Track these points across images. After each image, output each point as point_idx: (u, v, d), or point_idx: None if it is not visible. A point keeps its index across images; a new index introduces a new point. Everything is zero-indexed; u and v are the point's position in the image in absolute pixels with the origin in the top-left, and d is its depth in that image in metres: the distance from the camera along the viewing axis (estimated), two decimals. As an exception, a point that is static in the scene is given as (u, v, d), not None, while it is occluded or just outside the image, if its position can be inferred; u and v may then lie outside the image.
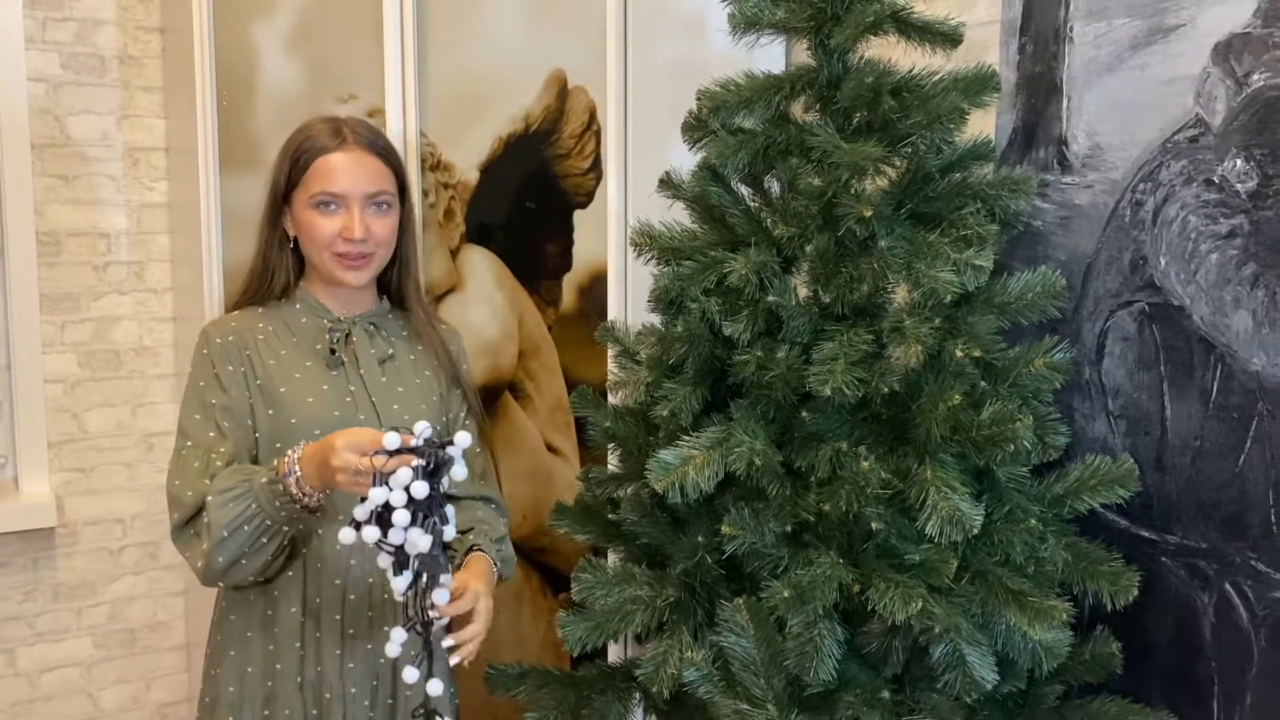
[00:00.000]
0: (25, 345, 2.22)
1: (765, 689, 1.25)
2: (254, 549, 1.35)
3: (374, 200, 1.46)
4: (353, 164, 1.45)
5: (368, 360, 1.50)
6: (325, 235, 1.45)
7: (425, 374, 1.55)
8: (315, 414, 1.44)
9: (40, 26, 2.20)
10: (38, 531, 2.26)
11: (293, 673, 1.45)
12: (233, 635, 1.47)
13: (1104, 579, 1.26)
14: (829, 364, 1.22)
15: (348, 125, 1.49)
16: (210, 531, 1.34)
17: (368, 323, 1.53)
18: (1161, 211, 1.31)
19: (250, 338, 1.48)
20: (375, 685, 1.47)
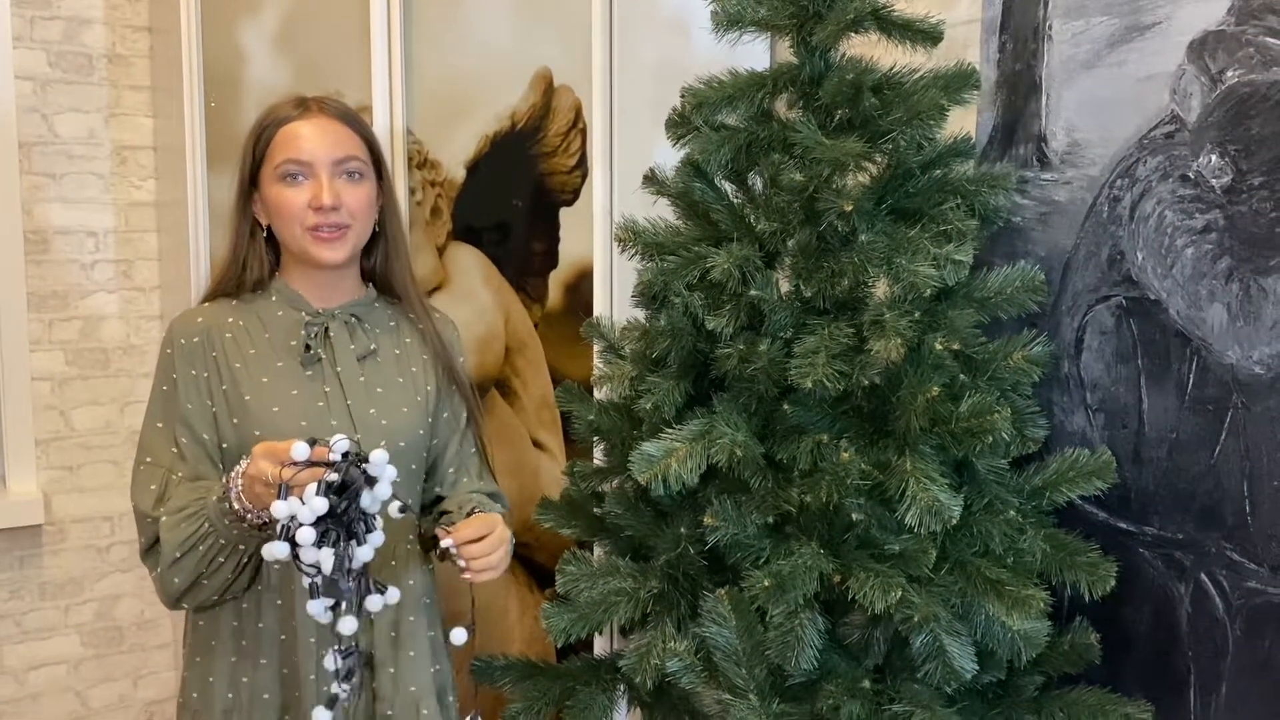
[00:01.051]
0: (13, 343, 2.23)
1: (747, 679, 1.26)
2: (211, 569, 1.30)
3: (343, 167, 1.37)
4: (317, 130, 1.36)
5: (346, 358, 1.41)
6: (294, 208, 1.35)
7: (412, 370, 1.47)
8: (281, 424, 1.36)
9: (28, 25, 2.21)
10: (25, 529, 2.27)
11: (261, 690, 1.39)
12: (199, 642, 1.43)
13: (1082, 569, 1.28)
14: (810, 357, 1.23)
15: (313, 98, 1.41)
16: (163, 552, 1.31)
17: (349, 315, 1.44)
18: (1138, 207, 1.32)
19: (218, 336, 1.40)
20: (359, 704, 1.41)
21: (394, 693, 1.41)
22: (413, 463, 1.44)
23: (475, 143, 1.92)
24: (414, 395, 1.46)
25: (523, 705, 1.48)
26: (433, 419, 1.48)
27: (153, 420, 1.40)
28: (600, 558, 1.51)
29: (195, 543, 1.29)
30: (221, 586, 1.33)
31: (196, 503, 1.30)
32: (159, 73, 2.31)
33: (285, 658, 1.39)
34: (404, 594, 1.41)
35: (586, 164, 1.76)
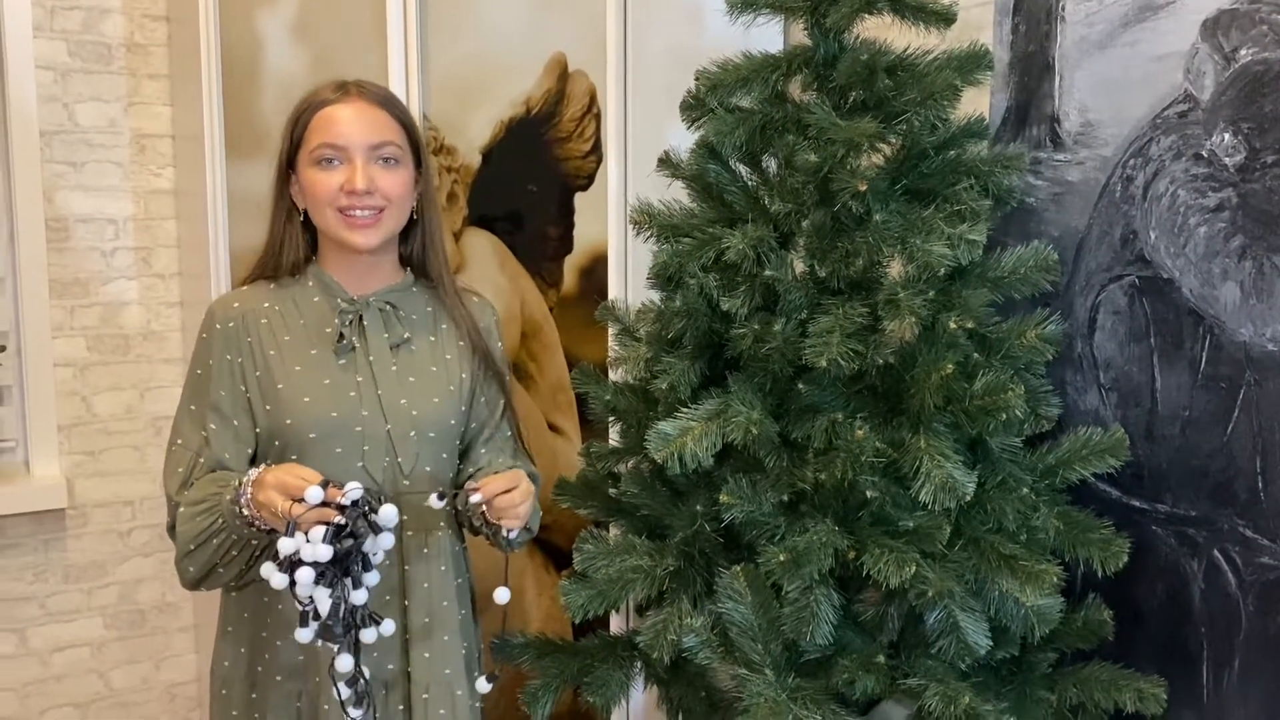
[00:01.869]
0: (35, 330, 2.25)
1: (763, 654, 1.28)
2: (225, 560, 1.34)
3: (379, 152, 1.37)
4: (354, 114, 1.37)
5: (379, 346, 1.41)
6: (327, 191, 1.35)
7: (446, 358, 1.46)
8: (312, 414, 1.37)
9: (48, 15, 2.23)
10: (48, 513, 2.30)
11: (286, 662, 1.41)
12: (232, 613, 1.47)
13: (1094, 546, 1.29)
14: (825, 336, 1.24)
15: (353, 82, 1.41)
16: (179, 543, 1.35)
17: (384, 302, 1.43)
18: (1151, 186, 1.33)
19: (253, 321, 1.41)
20: (385, 694, 1.42)
21: (428, 675, 1.42)
22: (444, 451, 1.45)
23: (490, 129, 1.93)
24: (447, 384, 1.45)
25: (541, 682, 1.50)
26: (466, 407, 1.48)
27: (186, 403, 1.43)
28: (617, 537, 1.52)
29: (209, 536, 1.32)
30: (236, 575, 1.37)
31: (213, 497, 1.33)
32: (177, 62, 2.33)
33: (304, 647, 1.40)
34: (437, 578, 1.43)
35: (601, 149, 1.77)
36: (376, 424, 1.39)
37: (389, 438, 1.39)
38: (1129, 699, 1.31)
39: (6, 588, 2.30)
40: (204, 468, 1.39)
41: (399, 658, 1.42)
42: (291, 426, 1.37)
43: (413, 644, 1.42)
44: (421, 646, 1.42)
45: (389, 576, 1.40)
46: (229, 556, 1.34)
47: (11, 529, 2.29)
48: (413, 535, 1.42)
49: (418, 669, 1.41)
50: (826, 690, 1.28)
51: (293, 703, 1.42)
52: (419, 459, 1.41)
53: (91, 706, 2.42)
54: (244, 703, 1.44)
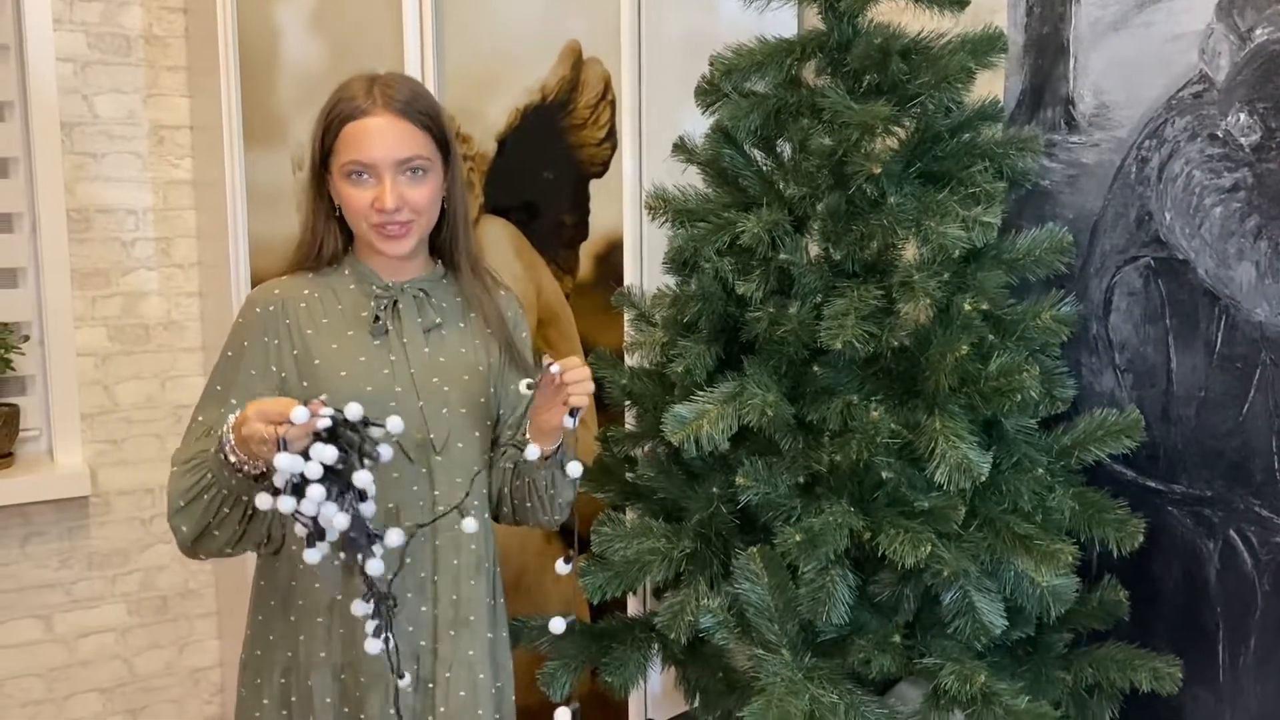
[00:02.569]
0: (57, 320, 2.28)
1: (779, 635, 1.29)
2: (218, 519, 1.34)
3: (407, 166, 1.40)
4: (381, 130, 1.39)
5: (412, 329, 1.46)
6: (359, 207, 1.40)
7: (475, 343, 1.50)
8: (348, 388, 1.39)
9: (68, 7, 2.25)
10: (72, 500, 2.33)
11: (318, 649, 1.43)
12: (261, 601, 1.48)
13: (1110, 526, 1.30)
14: (840, 319, 1.25)
15: (380, 85, 1.42)
16: (169, 500, 1.35)
17: (417, 289, 1.48)
18: (1166, 167, 1.33)
19: (292, 305, 1.45)
20: (416, 669, 1.44)
21: (452, 655, 1.44)
22: (476, 429, 1.47)
23: (506, 116, 1.94)
24: (477, 365, 1.49)
25: (559, 664, 1.51)
26: (495, 389, 1.51)
27: (212, 384, 1.45)
28: (634, 519, 1.54)
29: (199, 492, 1.32)
30: (232, 537, 1.36)
31: (201, 454, 1.34)
32: (195, 53, 2.35)
33: (342, 619, 1.43)
34: (466, 557, 1.45)
35: (616, 135, 1.78)
36: (410, 400, 1.42)
37: (422, 414, 1.42)
38: (1144, 679, 1.32)
39: (33, 574, 2.33)
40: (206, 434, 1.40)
41: (430, 636, 1.44)
42: (329, 401, 1.39)
43: (440, 622, 1.44)
44: (448, 625, 1.44)
45: (422, 552, 1.42)
46: (221, 514, 1.33)
47: (37, 516, 2.32)
48: (444, 511, 1.43)
49: (444, 646, 1.43)
50: (843, 670, 1.29)
51: (336, 677, 1.43)
52: (451, 435, 1.43)
53: (116, 691, 2.45)
54: (277, 691, 1.46)
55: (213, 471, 1.31)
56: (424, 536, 1.42)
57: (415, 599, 1.43)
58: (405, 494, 1.41)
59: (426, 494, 1.42)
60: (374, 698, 1.41)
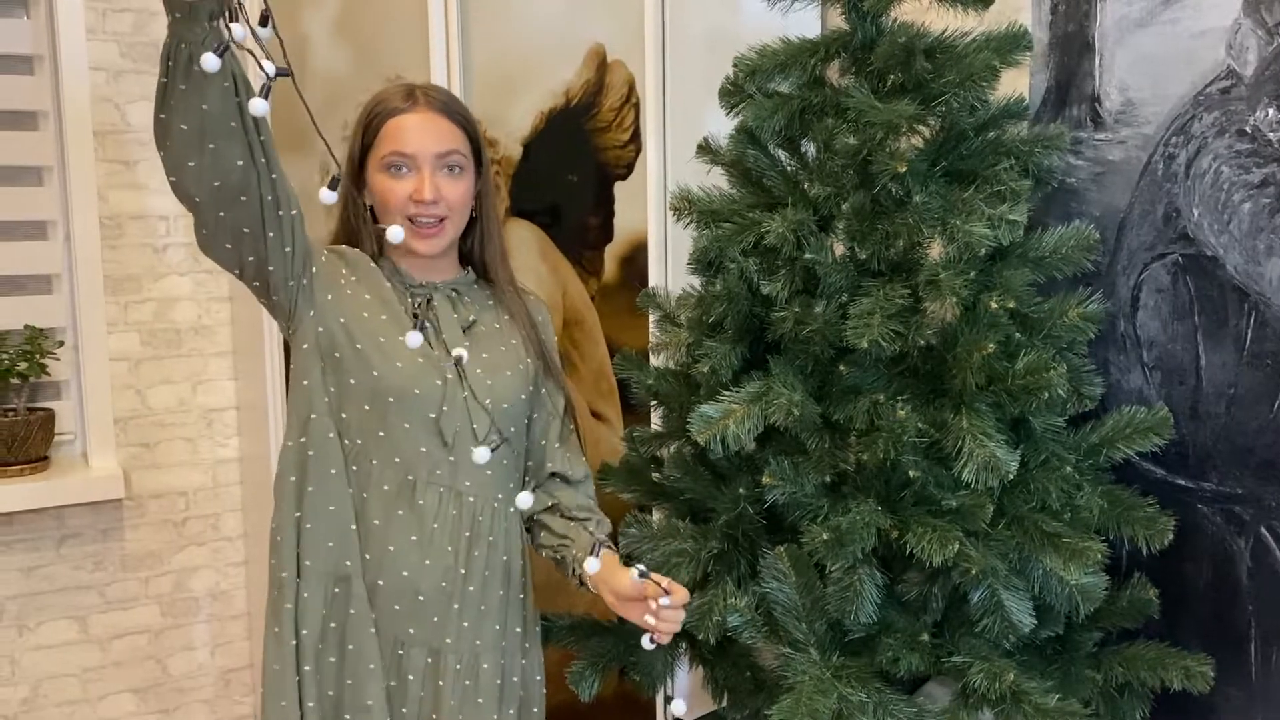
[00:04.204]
0: (91, 325, 2.31)
1: (807, 634, 1.29)
2: (174, 70, 1.21)
3: (445, 161, 1.44)
4: (423, 124, 1.43)
5: (450, 326, 1.48)
6: (397, 199, 1.43)
7: (511, 342, 1.53)
8: (390, 363, 1.42)
9: (100, 18, 2.28)
10: (106, 503, 2.36)
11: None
12: (313, 505, 1.44)
13: (1139, 524, 1.29)
14: (866, 318, 1.25)
15: (420, 89, 1.47)
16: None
17: (450, 289, 1.51)
18: (1194, 164, 1.32)
19: (361, 261, 1.48)
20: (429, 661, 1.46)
21: (461, 645, 1.45)
22: (514, 425, 1.50)
23: (531, 120, 1.95)
24: (516, 363, 1.52)
25: (587, 663, 1.52)
26: (533, 387, 1.54)
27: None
28: (660, 520, 1.54)
29: (165, 56, 1.22)
30: (183, 105, 1.23)
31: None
32: (223, 61, 2.38)
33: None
34: (484, 549, 1.46)
35: (640, 138, 1.78)
36: (454, 390, 1.43)
37: (466, 405, 1.43)
38: (1175, 677, 1.31)
39: (68, 576, 2.37)
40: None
41: (453, 626, 1.45)
42: (362, 351, 1.41)
43: (460, 612, 1.45)
44: (464, 616, 1.45)
45: (444, 540, 1.43)
46: (172, 67, 1.21)
47: (71, 519, 2.35)
48: (473, 502, 1.45)
49: (455, 637, 1.45)
50: (871, 669, 1.29)
51: (413, 594, 1.44)
52: (490, 428, 1.44)
53: (149, 692, 2.49)
54: (328, 600, 1.44)
55: (168, 34, 1.21)
56: (461, 516, 1.44)
57: (443, 594, 1.45)
58: (430, 474, 1.43)
59: (451, 480, 1.43)
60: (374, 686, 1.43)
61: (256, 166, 1.29)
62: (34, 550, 2.33)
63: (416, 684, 1.45)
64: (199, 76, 1.22)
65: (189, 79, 1.22)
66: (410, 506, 1.43)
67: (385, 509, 1.43)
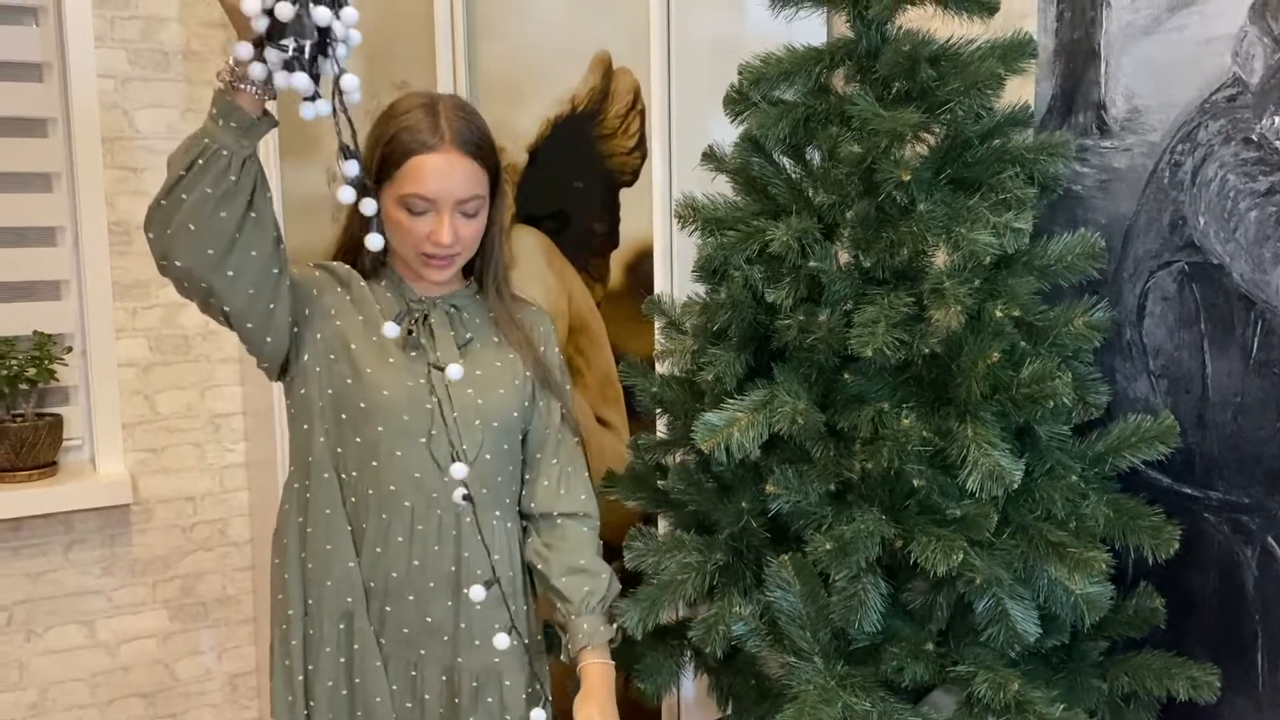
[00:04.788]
0: (99, 331, 2.32)
1: (812, 642, 1.29)
2: (191, 172, 1.24)
3: (464, 206, 1.42)
4: (447, 168, 1.39)
5: (445, 343, 1.48)
6: (413, 236, 1.41)
7: (509, 357, 1.52)
8: (385, 378, 1.43)
9: (108, 25, 2.30)
10: (114, 509, 2.37)
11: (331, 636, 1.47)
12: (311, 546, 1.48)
13: (1145, 533, 1.28)
14: (870, 326, 1.25)
15: (446, 119, 1.41)
16: (167, 177, 1.28)
17: (449, 305, 1.50)
18: (1200, 171, 1.32)
19: (353, 281, 1.48)
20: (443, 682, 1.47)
21: (477, 664, 1.46)
22: (505, 442, 1.49)
23: (537, 127, 1.96)
24: (511, 379, 1.51)
25: (592, 671, 1.52)
26: (529, 402, 1.53)
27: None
28: (665, 532, 1.54)
29: (188, 144, 1.26)
30: (200, 208, 1.26)
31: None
32: (231, 68, 2.39)
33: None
34: (486, 566, 1.46)
35: (645, 145, 1.79)
36: (444, 410, 1.43)
37: (456, 425, 1.43)
38: (1182, 687, 1.31)
39: (76, 581, 2.38)
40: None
41: (464, 644, 1.45)
42: (351, 387, 1.42)
43: (467, 632, 1.45)
44: (473, 635, 1.45)
45: (446, 561, 1.43)
46: (194, 168, 1.25)
47: (80, 524, 2.36)
48: (471, 520, 1.45)
49: (468, 658, 1.45)
50: (876, 678, 1.28)
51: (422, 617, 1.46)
52: (482, 446, 1.45)
53: (157, 696, 2.50)
54: (334, 638, 1.46)
55: (204, 131, 1.25)
56: (455, 544, 1.45)
57: (450, 614, 1.46)
58: (427, 498, 1.43)
59: (447, 503, 1.43)
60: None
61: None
62: (42, 555, 2.34)
63: (434, 704, 1.46)
64: (230, 184, 1.26)
65: (220, 184, 1.25)
66: (409, 533, 1.44)
67: (385, 537, 1.44)
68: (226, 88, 1.26)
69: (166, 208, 1.28)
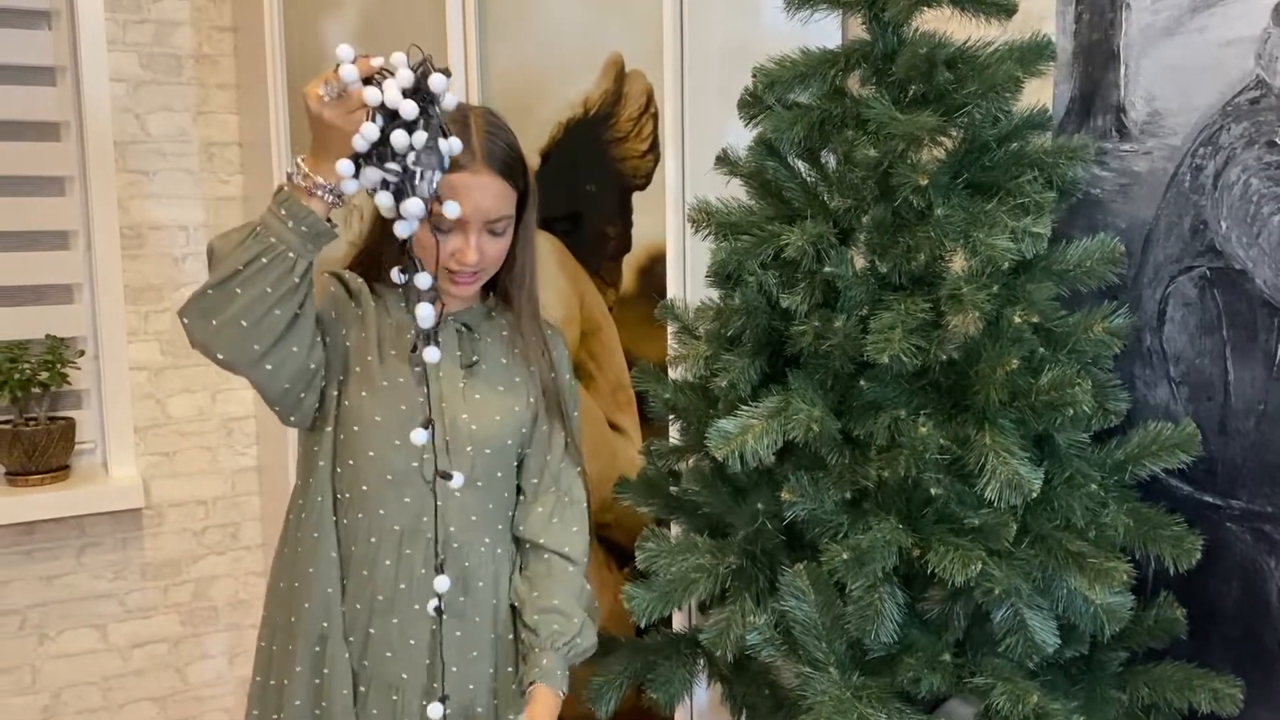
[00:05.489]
0: (111, 335, 2.33)
1: (827, 652, 1.27)
2: (250, 269, 1.22)
3: (491, 226, 1.42)
4: (478, 189, 1.38)
5: (450, 364, 1.47)
6: (438, 254, 1.39)
7: (515, 380, 1.51)
8: (379, 401, 1.43)
9: (121, 29, 2.30)
10: (126, 512, 2.37)
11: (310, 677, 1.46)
12: (299, 569, 1.49)
13: (1166, 543, 1.26)
14: (886, 332, 1.23)
15: (478, 134, 1.39)
16: (211, 259, 1.27)
17: (460, 324, 1.50)
18: (1222, 175, 1.30)
19: (363, 294, 1.47)
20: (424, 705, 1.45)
21: (453, 689, 1.46)
22: (499, 470, 1.49)
23: (549, 130, 1.95)
24: (512, 405, 1.50)
25: (604, 679, 1.51)
26: (528, 429, 1.52)
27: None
28: (678, 535, 1.53)
29: (243, 237, 1.24)
30: (255, 305, 1.24)
31: (246, 225, 1.29)
32: (243, 71, 2.39)
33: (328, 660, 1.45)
34: (473, 593, 1.47)
35: (658, 148, 1.77)
36: (435, 433, 1.42)
37: (447, 449, 1.43)
38: (1204, 699, 1.28)
39: (89, 585, 2.38)
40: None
41: (443, 671, 1.45)
42: (349, 408, 1.42)
43: (452, 656, 1.45)
44: (454, 661, 1.45)
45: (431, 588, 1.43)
46: (256, 265, 1.22)
47: (92, 528, 2.37)
48: (458, 548, 1.44)
49: (447, 682, 1.44)
50: (892, 689, 1.27)
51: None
52: (474, 470, 1.44)
53: (169, 700, 2.49)
54: (309, 658, 1.46)
55: (262, 223, 1.23)
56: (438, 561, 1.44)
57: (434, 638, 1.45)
58: (415, 522, 1.42)
59: (434, 527, 1.43)
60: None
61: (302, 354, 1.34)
62: (54, 559, 2.34)
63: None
64: (291, 286, 1.25)
65: (281, 285, 1.24)
66: (397, 556, 1.44)
67: (372, 560, 1.44)
68: (299, 190, 1.22)
69: (215, 299, 1.25)
